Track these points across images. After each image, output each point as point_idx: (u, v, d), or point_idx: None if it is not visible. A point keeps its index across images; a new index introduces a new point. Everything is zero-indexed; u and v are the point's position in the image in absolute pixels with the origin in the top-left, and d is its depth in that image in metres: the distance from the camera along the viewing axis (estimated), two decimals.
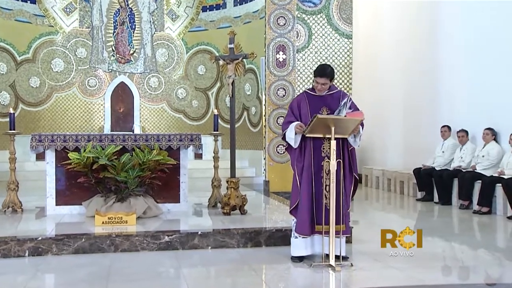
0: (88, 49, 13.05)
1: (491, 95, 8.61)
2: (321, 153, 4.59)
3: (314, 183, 4.56)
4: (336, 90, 4.80)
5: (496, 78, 8.52)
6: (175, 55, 13.48)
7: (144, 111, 13.41)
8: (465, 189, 8.24)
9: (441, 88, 9.97)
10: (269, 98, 9.49)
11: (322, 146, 4.59)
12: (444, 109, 9.88)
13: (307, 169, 4.56)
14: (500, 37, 8.52)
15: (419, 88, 10.70)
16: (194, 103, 13.56)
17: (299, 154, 4.61)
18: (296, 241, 4.66)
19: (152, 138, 6.43)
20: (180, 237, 5.21)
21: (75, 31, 12.99)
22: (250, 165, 12.07)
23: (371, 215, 8.38)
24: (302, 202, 4.55)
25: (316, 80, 4.62)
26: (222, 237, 5.30)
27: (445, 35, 9.91)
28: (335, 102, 4.66)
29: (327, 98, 4.69)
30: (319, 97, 4.69)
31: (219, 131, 7.24)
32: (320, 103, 4.64)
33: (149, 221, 5.93)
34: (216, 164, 7.14)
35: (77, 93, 13.05)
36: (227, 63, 6.59)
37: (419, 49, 10.71)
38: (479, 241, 6.28)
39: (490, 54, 8.70)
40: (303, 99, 4.71)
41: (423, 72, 10.55)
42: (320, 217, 4.53)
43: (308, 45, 9.65)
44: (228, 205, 6.37)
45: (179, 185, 6.63)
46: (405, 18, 11.29)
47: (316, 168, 4.57)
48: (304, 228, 4.55)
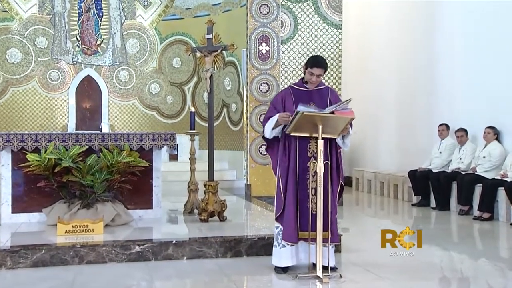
0: (49, 38, 12.90)
1: (493, 90, 8.71)
2: (307, 153, 4.60)
3: (299, 186, 4.56)
4: (324, 85, 4.82)
5: (499, 72, 8.61)
6: (147, 46, 13.40)
7: (113, 108, 13.30)
8: (464, 193, 8.31)
9: (439, 82, 10.06)
10: (251, 93, 9.48)
11: (308, 146, 4.60)
12: (442, 105, 9.97)
13: (292, 170, 4.56)
14: (503, 28, 8.62)
15: (415, 82, 10.78)
16: (168, 99, 13.50)
17: (283, 154, 4.61)
18: (282, 250, 4.65)
19: (121, 137, 6.39)
20: (153, 247, 5.18)
21: (34, 18, 12.83)
22: (230, 167, 12.04)
23: (363, 222, 8.42)
24: (288, 207, 4.55)
25: (311, 72, 4.62)
26: (199, 247, 5.29)
27: (443, 25, 10.00)
28: (323, 99, 4.68)
29: (315, 94, 4.70)
30: (306, 92, 4.70)
31: (196, 130, 7.22)
32: (307, 99, 4.64)
33: (118, 229, 5.89)
34: (193, 166, 7.13)
35: (37, 88, 12.89)
36: (204, 55, 6.58)
37: (415, 40, 10.79)
38: (480, 250, 6.34)
39: (492, 46, 8.79)
40: (288, 94, 4.71)
41: (419, 65, 10.63)
42: (304, 223, 4.54)
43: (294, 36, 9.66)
44: (206, 211, 6.35)
45: (151, 189, 6.60)
46: (400, 6, 11.37)
47: (302, 170, 4.57)
48: (291, 235, 4.55)
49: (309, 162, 4.58)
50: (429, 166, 9.51)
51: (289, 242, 4.59)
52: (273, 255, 4.76)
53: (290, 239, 4.58)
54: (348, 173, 12.88)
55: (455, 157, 9.16)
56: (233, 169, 11.84)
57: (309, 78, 4.66)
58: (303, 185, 4.58)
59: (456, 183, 8.61)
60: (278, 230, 4.69)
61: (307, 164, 4.58)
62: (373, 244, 6.17)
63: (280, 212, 4.62)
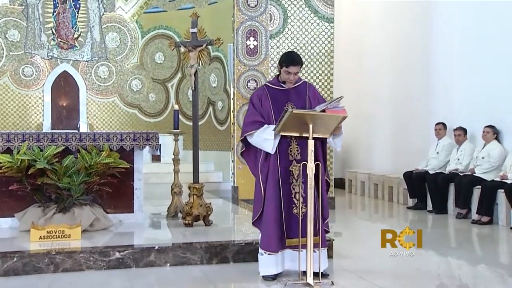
0: (21, 31, 12.78)
1: (492, 88, 8.75)
2: (288, 156, 4.59)
3: (282, 191, 4.55)
4: (301, 81, 4.82)
5: (499, 69, 8.66)
6: (128, 41, 13.34)
7: (91, 106, 13.23)
8: (462, 195, 8.36)
9: (436, 79, 10.10)
10: (238, 91, 9.47)
11: (289, 149, 4.59)
12: (439, 104, 10.02)
13: (273, 175, 4.55)
14: (503, 23, 8.66)
15: (411, 79, 10.82)
16: (151, 96, 13.44)
17: (264, 158, 4.60)
18: (263, 258, 4.64)
19: (101, 137, 6.37)
20: (134, 253, 5.16)
21: (5, 9, 12.70)
22: (216, 168, 12.02)
23: (356, 226, 8.43)
24: (267, 213, 4.54)
25: (288, 70, 4.61)
26: (183, 253, 5.27)
27: (440, 19, 10.05)
28: (300, 97, 4.68)
29: (291, 92, 4.71)
30: (282, 91, 4.70)
31: (180, 129, 7.20)
32: (284, 98, 4.65)
33: (97, 234, 5.86)
34: (177, 168, 7.12)
35: (9, 84, 12.77)
36: (189, 50, 6.57)
37: (412, 34, 10.83)
38: (479, 255, 6.37)
39: (492, 42, 8.83)
40: (264, 93, 4.70)
41: (415, 61, 10.67)
42: (291, 230, 4.53)
43: (283, 30, 9.65)
44: (190, 215, 6.34)
45: (133, 192, 6.59)
46: None
47: (283, 174, 4.56)
48: (270, 243, 4.55)
49: (291, 166, 4.58)
50: (426, 167, 9.55)
51: (267, 251, 4.58)
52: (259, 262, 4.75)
53: (269, 248, 4.57)
54: (341, 175, 12.90)
55: (452, 158, 9.20)
56: (219, 171, 11.82)
57: (286, 77, 4.65)
58: (287, 190, 4.57)
59: (454, 185, 8.65)
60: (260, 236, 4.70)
61: (289, 168, 4.57)
62: (367, 250, 6.20)
63: (258, 217, 4.61)
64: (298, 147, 4.58)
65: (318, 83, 9.45)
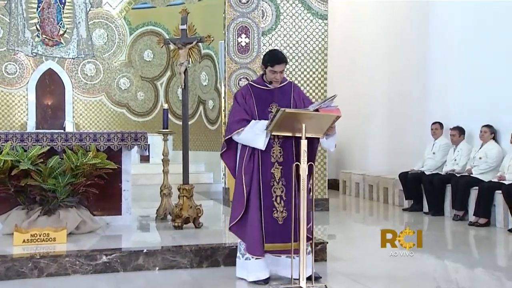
0: (4, 27, 12.72)
1: (490, 87, 8.78)
2: (270, 158, 4.60)
3: (263, 194, 4.55)
4: (286, 81, 4.83)
5: (497, 67, 8.68)
6: (115, 37, 13.30)
7: (78, 105, 13.18)
8: (459, 197, 8.38)
9: (433, 78, 10.13)
10: (229, 89, 9.46)
11: (271, 150, 4.59)
12: (436, 103, 10.04)
13: (256, 177, 4.55)
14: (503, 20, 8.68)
15: (406, 77, 10.85)
16: (139, 95, 13.41)
17: (249, 159, 4.60)
18: (249, 263, 4.64)
19: (87, 137, 6.36)
20: (121, 257, 5.15)
21: None
22: (206, 169, 12.01)
23: (350, 228, 8.45)
24: (252, 217, 4.54)
25: (273, 70, 4.62)
26: (172, 256, 5.26)
27: (438, 17, 10.07)
28: (285, 97, 4.69)
29: (276, 93, 4.71)
30: (267, 91, 4.71)
31: (169, 129, 7.20)
32: (268, 99, 4.66)
33: (83, 237, 5.85)
34: (166, 169, 7.12)
35: None
36: (178, 47, 6.57)
37: (407, 33, 10.86)
38: (476, 258, 6.39)
39: (490, 39, 8.86)
40: (248, 92, 4.71)
41: (411, 59, 10.70)
42: (269, 235, 4.52)
43: (276, 27, 9.65)
44: (180, 217, 6.33)
45: (120, 194, 6.59)
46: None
47: (265, 176, 4.56)
48: (256, 247, 4.54)
49: (273, 168, 4.58)
50: (422, 168, 9.58)
51: (254, 255, 4.58)
52: (238, 267, 4.74)
53: (254, 252, 4.57)
54: (335, 176, 12.92)
55: (449, 158, 9.23)
56: (209, 172, 11.81)
57: (272, 77, 4.66)
58: (268, 193, 4.57)
59: (451, 186, 8.68)
60: (240, 241, 4.69)
61: (271, 170, 4.58)
62: (361, 252, 6.21)
63: (237, 221, 4.59)
64: (281, 148, 4.59)
65: (312, 82, 9.46)
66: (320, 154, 9.11)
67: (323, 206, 9.25)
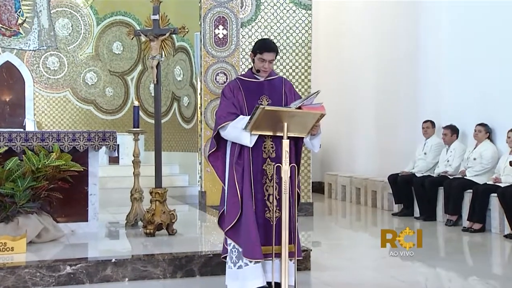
0: None
1: (484, 83, 8.85)
2: (262, 153, 4.59)
3: (255, 193, 4.55)
4: (276, 75, 4.84)
5: (491, 63, 8.76)
6: (81, 28, 13.23)
7: (39, 101, 13.10)
8: (452, 200, 8.44)
9: (424, 74, 10.20)
10: (206, 85, 9.45)
11: (263, 145, 4.59)
12: (427, 100, 10.10)
13: (247, 174, 4.55)
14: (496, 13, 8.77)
15: (396, 73, 10.91)
16: (107, 91, 13.37)
17: (238, 155, 4.59)
18: (247, 269, 4.58)
19: (50, 136, 6.32)
20: (88, 267, 5.11)
21: None
22: (181, 171, 12.00)
23: (336, 235, 8.47)
24: (247, 217, 4.51)
25: (262, 58, 4.62)
26: (143, 266, 5.24)
27: (429, 8, 10.14)
28: (276, 91, 4.69)
29: (267, 86, 4.71)
30: (256, 84, 4.70)
31: (140, 128, 7.19)
32: (258, 92, 4.65)
33: (45, 246, 5.80)
34: (137, 171, 7.11)
35: None
36: (150, 39, 6.56)
37: (397, 25, 10.92)
38: (471, 266, 6.44)
39: (484, 33, 8.94)
40: (236, 86, 4.71)
41: (401, 53, 10.77)
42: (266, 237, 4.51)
43: (256, 18, 9.66)
44: (152, 223, 6.32)
45: (86, 198, 6.57)
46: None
47: (256, 174, 4.56)
48: (255, 250, 4.48)
49: (265, 164, 4.58)
50: (412, 169, 9.63)
51: (253, 259, 4.54)
52: (229, 278, 4.69)
53: (254, 255, 4.53)
54: (320, 178, 12.97)
55: (441, 159, 9.29)
56: (184, 174, 11.80)
57: (260, 65, 4.66)
58: (260, 191, 4.57)
59: (443, 189, 8.74)
60: (231, 247, 4.63)
61: (263, 166, 4.58)
62: (348, 261, 6.23)
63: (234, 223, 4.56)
64: (273, 143, 4.58)
65: (295, 76, 9.48)
66: (304, 155, 9.14)
67: (307, 211, 9.28)
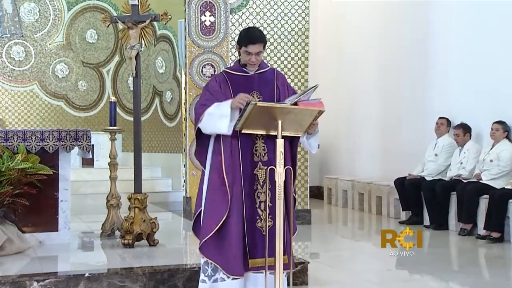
0: None
1: (501, 78, 8.87)
2: (252, 157, 4.58)
3: (244, 199, 4.54)
4: (268, 67, 4.83)
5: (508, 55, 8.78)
6: (50, 14, 13.21)
7: (2, 96, 13.08)
8: (466, 207, 8.46)
9: (433, 67, 10.21)
10: (191, 78, 9.44)
11: (254, 147, 4.58)
12: (436, 96, 10.10)
13: (237, 179, 4.54)
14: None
15: (402, 67, 10.92)
16: (80, 84, 13.35)
17: (230, 157, 4.58)
18: (224, 285, 4.59)
19: (15, 136, 6.33)
20: (58, 283, 5.10)
21: None
22: (163, 175, 12.00)
23: (336, 246, 8.48)
24: (231, 227, 4.51)
25: (247, 51, 4.62)
26: (121, 280, 5.24)
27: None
28: (268, 85, 4.69)
29: (257, 80, 4.71)
30: (245, 78, 4.70)
31: (118, 126, 7.21)
32: (247, 87, 4.64)
33: (9, 260, 5.79)
34: (114, 174, 7.11)
35: None
36: (128, 27, 6.55)
37: (403, 11, 10.93)
38: (487, 280, 6.46)
39: (500, 22, 8.95)
40: (224, 81, 4.70)
41: (408, 44, 10.77)
42: (256, 248, 4.51)
43: (247, 3, 9.65)
44: (131, 233, 6.32)
45: (57, 205, 6.57)
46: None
47: (247, 178, 4.55)
48: (236, 264, 4.50)
49: (256, 168, 4.57)
50: (422, 172, 9.64)
51: (233, 275, 4.54)
52: None
53: (234, 271, 4.53)
54: (318, 182, 12.98)
55: (454, 161, 9.30)
56: (167, 178, 11.80)
57: (246, 59, 4.65)
58: (250, 198, 4.56)
59: (456, 194, 8.75)
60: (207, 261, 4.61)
61: (254, 171, 4.57)
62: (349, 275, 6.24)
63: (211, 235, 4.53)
64: (265, 145, 4.58)
65: (290, 69, 9.47)
66: (301, 157, 9.13)
67: (304, 219, 9.27)
